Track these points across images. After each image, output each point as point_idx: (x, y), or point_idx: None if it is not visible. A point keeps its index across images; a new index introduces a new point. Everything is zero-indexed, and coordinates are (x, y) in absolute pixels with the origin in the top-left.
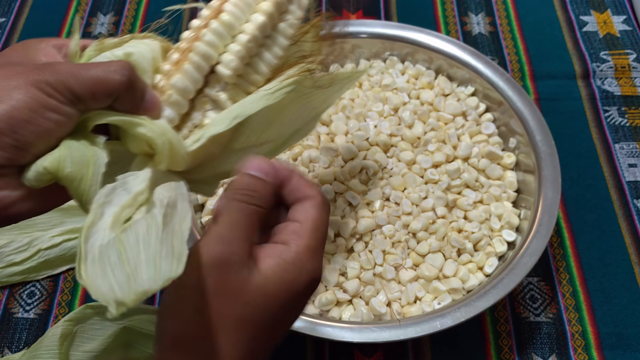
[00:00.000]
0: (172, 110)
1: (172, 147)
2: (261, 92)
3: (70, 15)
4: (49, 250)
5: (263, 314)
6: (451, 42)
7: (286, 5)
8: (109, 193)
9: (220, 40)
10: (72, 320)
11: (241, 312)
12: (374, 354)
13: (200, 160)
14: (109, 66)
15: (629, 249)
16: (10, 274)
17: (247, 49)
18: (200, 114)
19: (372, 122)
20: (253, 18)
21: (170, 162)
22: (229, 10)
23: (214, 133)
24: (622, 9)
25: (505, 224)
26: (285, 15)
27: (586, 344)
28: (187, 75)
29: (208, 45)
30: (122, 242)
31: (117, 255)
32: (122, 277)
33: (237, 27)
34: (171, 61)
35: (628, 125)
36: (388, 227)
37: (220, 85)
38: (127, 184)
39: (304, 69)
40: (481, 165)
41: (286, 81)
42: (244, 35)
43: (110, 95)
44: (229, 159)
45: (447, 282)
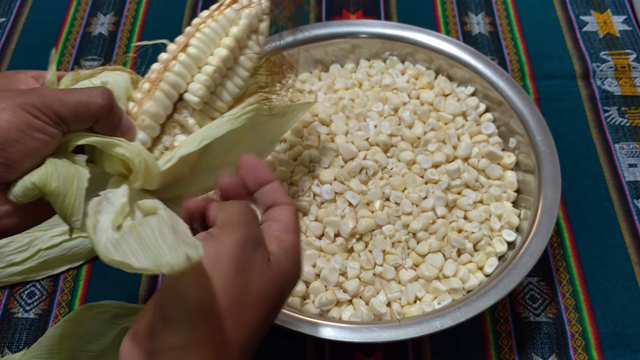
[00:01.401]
0: (145, 134)
1: (147, 166)
2: (226, 117)
3: (70, 15)
4: (48, 251)
5: (274, 294)
6: (451, 42)
7: (246, 41)
8: (97, 204)
9: (188, 70)
10: (72, 320)
11: (263, 286)
12: (374, 354)
13: (170, 180)
14: (91, 91)
15: (629, 249)
16: (10, 274)
17: (212, 79)
18: (170, 137)
19: (372, 122)
20: (217, 52)
21: (144, 181)
22: (195, 45)
23: (183, 154)
24: (622, 9)
25: (505, 224)
26: (245, 50)
27: (586, 344)
28: (158, 102)
29: (177, 75)
30: (139, 233)
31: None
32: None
33: (203, 60)
34: (143, 90)
35: (628, 125)
36: (388, 227)
37: (188, 111)
38: (109, 198)
39: (262, 97)
40: (481, 165)
41: (247, 108)
42: (210, 67)
43: (92, 117)
44: (196, 179)
45: (447, 282)
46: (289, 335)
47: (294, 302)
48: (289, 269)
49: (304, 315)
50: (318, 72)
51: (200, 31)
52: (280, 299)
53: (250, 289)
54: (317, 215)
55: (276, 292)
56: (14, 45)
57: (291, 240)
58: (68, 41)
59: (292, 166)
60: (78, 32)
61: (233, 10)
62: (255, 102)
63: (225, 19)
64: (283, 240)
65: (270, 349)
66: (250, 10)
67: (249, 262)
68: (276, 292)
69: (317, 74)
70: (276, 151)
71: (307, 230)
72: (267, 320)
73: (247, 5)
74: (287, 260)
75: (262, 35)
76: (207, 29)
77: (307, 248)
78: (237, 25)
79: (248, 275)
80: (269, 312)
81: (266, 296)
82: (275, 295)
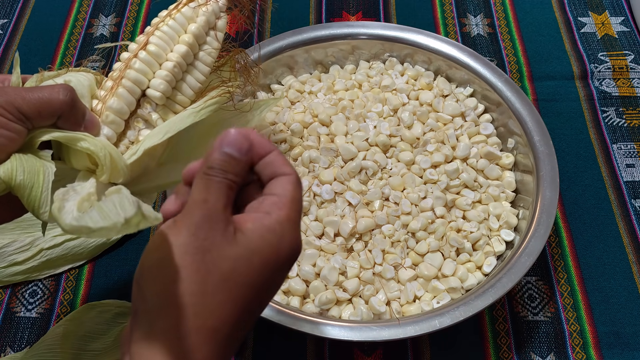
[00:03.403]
0: (110, 129)
1: (113, 159)
2: (188, 111)
3: (72, 17)
4: (51, 250)
5: (247, 274)
6: (450, 44)
7: (204, 37)
8: (64, 193)
9: (149, 67)
10: (74, 320)
11: (227, 267)
12: (374, 353)
13: (137, 173)
14: (52, 88)
15: (627, 249)
16: (12, 273)
17: (173, 74)
18: (135, 132)
19: (372, 122)
20: (176, 48)
21: (111, 174)
22: (154, 42)
23: (148, 146)
24: (620, 10)
25: (503, 223)
26: (204, 46)
27: (584, 343)
28: (122, 98)
29: (138, 72)
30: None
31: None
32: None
33: (163, 56)
34: (106, 88)
35: (626, 126)
36: (387, 227)
37: (151, 106)
38: (76, 189)
39: (224, 91)
40: (480, 166)
41: (210, 101)
42: (170, 62)
43: (54, 113)
44: (163, 173)
45: (446, 282)
46: (289, 334)
47: (293, 301)
48: (268, 247)
49: (304, 314)
50: (318, 73)
51: (159, 29)
52: (262, 279)
53: (211, 272)
54: (317, 215)
55: (251, 272)
56: (15, 47)
57: (279, 215)
58: (70, 42)
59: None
60: (80, 33)
61: (190, 9)
62: (217, 96)
63: (183, 17)
64: (266, 217)
65: (270, 347)
66: (207, 8)
67: (206, 245)
68: (251, 271)
69: (317, 75)
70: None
71: (307, 229)
72: (246, 303)
73: (204, 4)
74: (263, 237)
75: (220, 31)
76: (166, 27)
77: (307, 247)
78: (195, 23)
79: (207, 258)
80: (244, 294)
81: (232, 277)
82: (251, 275)
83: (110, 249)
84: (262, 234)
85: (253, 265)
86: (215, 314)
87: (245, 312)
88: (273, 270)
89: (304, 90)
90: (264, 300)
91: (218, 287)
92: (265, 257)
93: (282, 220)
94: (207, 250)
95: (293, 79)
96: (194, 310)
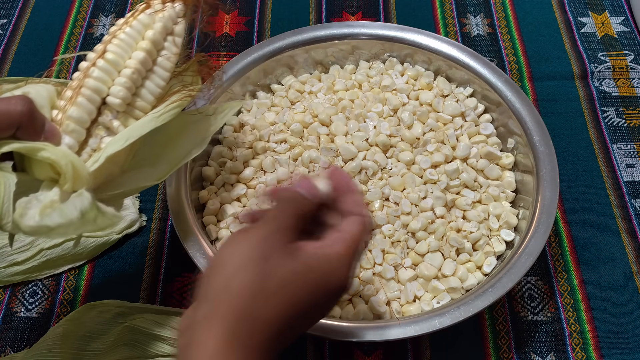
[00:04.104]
0: (71, 138)
1: (75, 167)
2: (149, 116)
3: (72, 17)
4: (50, 250)
5: (302, 287)
6: (450, 44)
7: (162, 43)
8: (27, 202)
9: (108, 75)
10: (74, 320)
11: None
12: (374, 353)
13: (101, 181)
14: (10, 100)
15: (627, 249)
16: (12, 273)
17: (132, 80)
18: (97, 140)
19: (372, 122)
20: (134, 55)
21: (74, 182)
22: (112, 50)
23: (110, 153)
24: (620, 10)
25: (503, 223)
26: (162, 52)
27: (584, 343)
28: (81, 106)
29: (97, 80)
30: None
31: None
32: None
33: (121, 64)
34: (65, 97)
35: (626, 126)
36: (387, 227)
37: (112, 114)
38: (39, 198)
39: (185, 95)
40: (480, 166)
41: (170, 106)
42: (128, 69)
43: (12, 125)
44: (128, 179)
45: (446, 282)
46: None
47: None
48: (322, 272)
49: None
50: (318, 73)
51: (117, 37)
52: (312, 297)
53: (270, 276)
54: None
55: (305, 287)
56: (16, 47)
57: (339, 249)
58: (70, 42)
59: (292, 166)
60: (80, 33)
61: (147, 16)
62: (178, 100)
63: (140, 24)
64: (327, 247)
65: None
66: (164, 14)
67: (270, 253)
68: (305, 286)
69: (317, 75)
70: (276, 151)
71: None
72: (296, 312)
73: (161, 10)
74: (320, 262)
75: (179, 36)
76: (123, 34)
77: None
78: (152, 29)
79: (268, 264)
80: (295, 304)
81: (288, 286)
82: (304, 289)
83: (110, 249)
84: (320, 259)
85: (307, 282)
86: (270, 311)
87: (293, 318)
88: (322, 294)
89: (304, 90)
90: (308, 319)
91: (275, 290)
92: (318, 279)
93: (340, 255)
94: (269, 257)
95: (293, 79)
96: (252, 303)
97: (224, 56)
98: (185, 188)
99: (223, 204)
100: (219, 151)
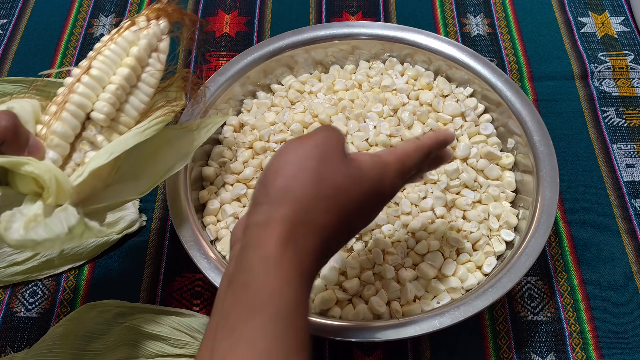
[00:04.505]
0: (55, 153)
1: (58, 181)
2: (133, 131)
3: (72, 17)
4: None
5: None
6: (450, 44)
7: (146, 60)
8: (11, 215)
9: (92, 90)
10: (74, 320)
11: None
12: (374, 353)
13: (85, 195)
14: None
15: (627, 249)
16: (12, 273)
17: (116, 96)
18: (81, 154)
19: (372, 122)
20: (119, 71)
21: (57, 196)
22: (97, 66)
23: (94, 167)
24: (620, 10)
25: (503, 223)
26: (147, 68)
27: (584, 343)
28: (65, 121)
29: (81, 96)
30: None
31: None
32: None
33: (105, 80)
34: (50, 112)
35: (626, 126)
36: (387, 227)
37: (96, 129)
38: (23, 212)
39: (169, 111)
40: (480, 166)
41: (154, 121)
42: (112, 85)
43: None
44: (112, 193)
45: (446, 282)
46: None
47: None
48: (374, 177)
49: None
50: (318, 73)
51: (102, 54)
52: (365, 200)
53: (325, 179)
54: None
55: (358, 191)
56: (15, 47)
57: (389, 160)
58: (70, 42)
59: None
60: (80, 33)
61: (132, 33)
62: (162, 115)
63: (125, 41)
64: (379, 157)
65: None
66: (149, 31)
67: (326, 156)
68: (358, 190)
69: (317, 75)
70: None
71: None
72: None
73: (146, 27)
74: (373, 169)
75: (163, 53)
76: (108, 51)
77: None
78: (136, 46)
79: (324, 167)
80: (348, 207)
81: (340, 189)
82: (358, 192)
83: (110, 249)
84: (373, 167)
85: (361, 186)
86: (323, 214)
87: (345, 222)
88: (374, 197)
89: (304, 90)
90: (361, 221)
91: (329, 194)
92: (371, 184)
93: (390, 164)
94: (326, 159)
95: (293, 79)
96: (307, 208)
97: (224, 56)
98: (185, 188)
99: (223, 204)
100: (219, 151)
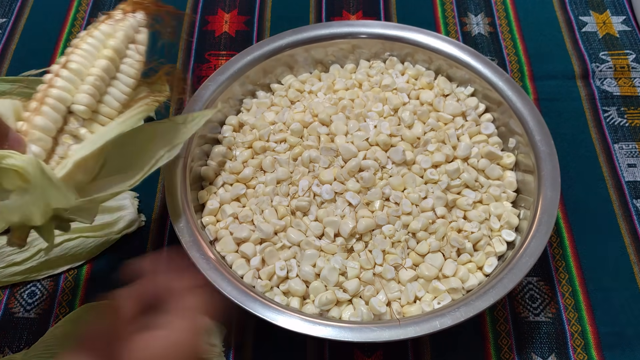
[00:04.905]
0: (37, 147)
1: (43, 173)
2: (115, 122)
3: (70, 16)
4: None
5: None
6: (451, 43)
7: (125, 51)
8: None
9: (72, 84)
10: (72, 320)
11: None
12: (374, 354)
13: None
14: None
15: (628, 249)
16: (11, 273)
17: (95, 87)
18: (64, 147)
19: (372, 122)
20: (97, 63)
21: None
22: (75, 60)
23: (77, 158)
24: (621, 9)
25: (504, 223)
26: (125, 59)
27: (585, 344)
28: (46, 115)
29: (61, 89)
30: None
31: None
32: None
33: (84, 72)
34: (31, 108)
35: (627, 126)
36: (388, 227)
37: (78, 121)
38: None
39: (152, 101)
40: (481, 166)
41: (136, 110)
42: (91, 77)
43: None
44: (98, 187)
45: (446, 282)
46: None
47: (293, 302)
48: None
49: (304, 315)
50: (318, 72)
51: (80, 48)
52: None
53: None
54: (317, 215)
55: None
56: (14, 46)
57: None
58: (69, 42)
59: (292, 166)
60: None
61: (108, 26)
62: (145, 105)
63: (102, 34)
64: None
65: (270, 349)
66: (125, 23)
67: None
68: None
69: (317, 74)
70: (276, 151)
71: (307, 230)
72: None
73: (122, 20)
74: None
75: (142, 44)
76: (85, 44)
77: (307, 248)
78: (114, 38)
79: None
80: None
81: None
82: None
83: (109, 249)
84: None
85: None
86: None
87: None
88: None
89: (304, 89)
90: None
91: None
92: None
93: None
94: None
95: (293, 78)
96: None
97: (223, 55)
98: (184, 188)
99: (222, 204)
100: (219, 151)
